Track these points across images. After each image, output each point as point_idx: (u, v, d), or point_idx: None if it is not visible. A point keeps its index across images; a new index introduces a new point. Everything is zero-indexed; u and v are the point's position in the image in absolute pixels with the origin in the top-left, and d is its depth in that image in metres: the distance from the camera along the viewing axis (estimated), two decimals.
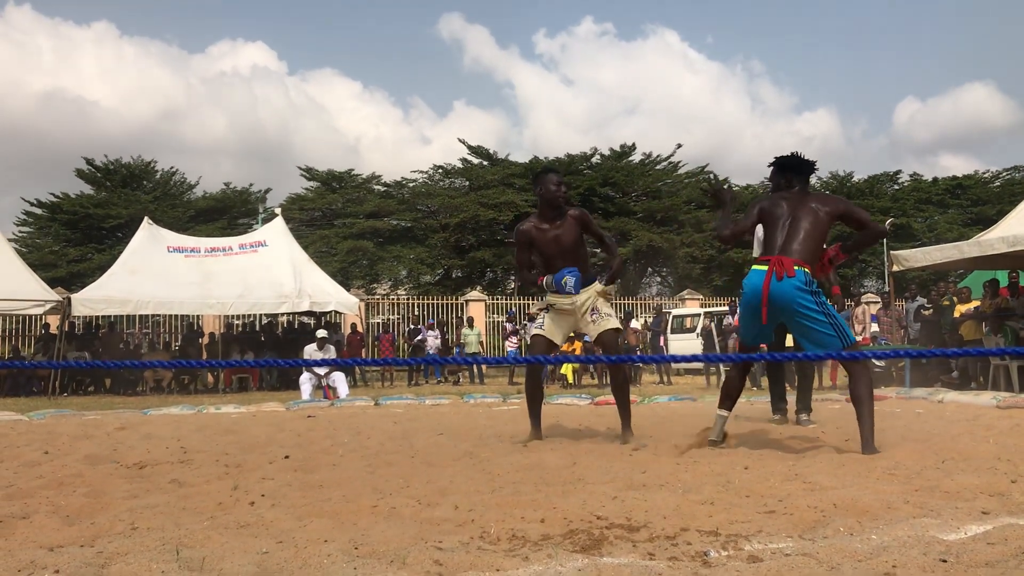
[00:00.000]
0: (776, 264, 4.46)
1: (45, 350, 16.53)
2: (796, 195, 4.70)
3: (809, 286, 4.41)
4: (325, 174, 33.62)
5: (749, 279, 4.64)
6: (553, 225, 5.29)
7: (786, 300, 4.42)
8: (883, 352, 5.77)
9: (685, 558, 2.31)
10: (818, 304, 4.41)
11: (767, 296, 4.47)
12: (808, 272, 4.44)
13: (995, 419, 6.23)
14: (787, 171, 4.80)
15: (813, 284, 4.45)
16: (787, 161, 4.83)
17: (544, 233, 5.31)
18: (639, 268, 32.99)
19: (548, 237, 5.29)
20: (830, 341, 4.41)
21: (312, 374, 12.59)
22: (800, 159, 4.81)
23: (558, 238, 5.27)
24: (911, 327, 13.66)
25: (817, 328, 4.41)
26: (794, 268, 4.41)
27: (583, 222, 5.34)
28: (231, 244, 16.88)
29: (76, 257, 30.95)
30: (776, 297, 4.44)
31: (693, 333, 18.58)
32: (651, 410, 8.48)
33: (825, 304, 4.46)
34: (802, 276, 4.41)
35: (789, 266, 4.42)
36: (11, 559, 2.33)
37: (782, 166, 4.83)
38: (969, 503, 2.92)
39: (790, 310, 4.44)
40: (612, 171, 32.70)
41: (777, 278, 4.42)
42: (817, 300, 4.42)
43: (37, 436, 6.38)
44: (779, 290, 4.42)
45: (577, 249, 5.33)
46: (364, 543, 2.49)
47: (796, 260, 4.44)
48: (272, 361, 3.23)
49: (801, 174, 4.79)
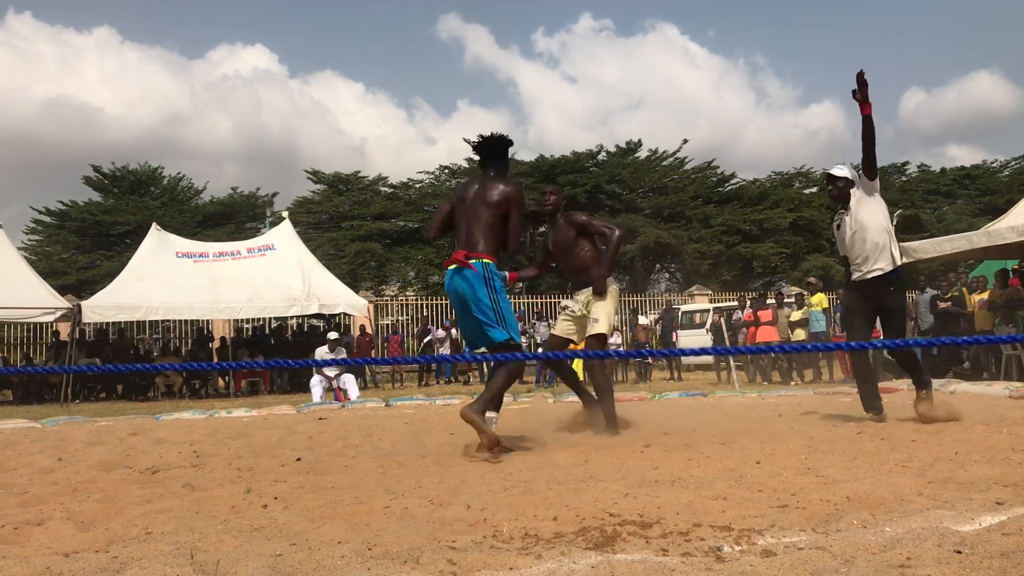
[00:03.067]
0: (455, 259, 4.52)
1: (56, 357, 16.61)
2: (481, 180, 4.73)
3: (487, 279, 4.47)
4: (332, 177, 33.67)
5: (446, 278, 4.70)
6: (554, 230, 5.77)
7: (462, 294, 4.50)
8: (892, 342, 5.71)
9: (698, 553, 2.31)
10: (491, 299, 4.45)
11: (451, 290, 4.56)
12: (486, 263, 4.48)
13: (1008, 409, 6.21)
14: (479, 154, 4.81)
15: (493, 277, 4.50)
16: (474, 145, 4.81)
17: (549, 237, 5.81)
18: (647, 264, 32.93)
19: (550, 240, 5.79)
20: (494, 333, 4.46)
21: (323, 376, 12.62)
22: (486, 141, 4.79)
23: (556, 241, 5.72)
24: (921, 319, 13.60)
25: (485, 321, 4.46)
26: (472, 261, 4.46)
27: (575, 225, 5.67)
28: (239, 248, 16.92)
29: (85, 264, 31.06)
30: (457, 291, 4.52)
31: (702, 328, 18.55)
32: (662, 406, 8.47)
33: (498, 300, 4.49)
34: (479, 267, 4.46)
35: (467, 259, 4.47)
36: (27, 565, 2.34)
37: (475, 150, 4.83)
38: (983, 494, 2.90)
39: (465, 303, 4.52)
40: (618, 168, 32.66)
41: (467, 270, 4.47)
42: (491, 295, 4.45)
43: (50, 443, 6.41)
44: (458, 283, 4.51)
45: (573, 250, 5.67)
46: (377, 544, 2.50)
47: (472, 254, 4.48)
48: (282, 362, 3.24)
49: (487, 156, 4.79)
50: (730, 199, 32.96)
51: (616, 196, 32.55)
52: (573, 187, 31.35)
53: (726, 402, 8.68)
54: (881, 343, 4.57)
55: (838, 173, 5.78)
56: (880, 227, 5.64)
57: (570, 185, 31.35)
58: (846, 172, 5.79)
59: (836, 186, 5.78)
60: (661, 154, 33.91)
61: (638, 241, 29.99)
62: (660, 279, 34.74)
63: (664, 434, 5.34)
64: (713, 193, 33.29)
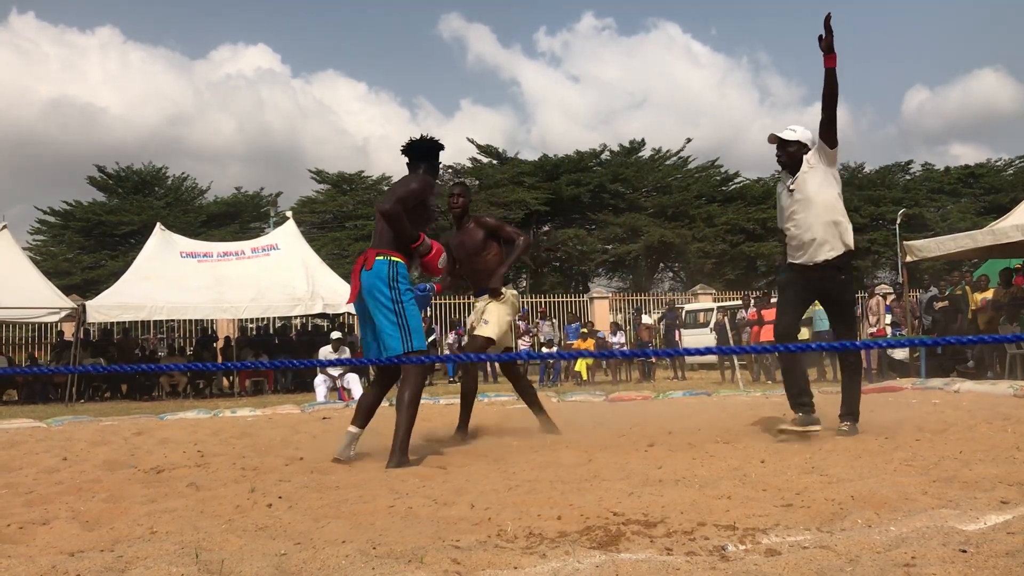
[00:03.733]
0: (362, 257, 4.44)
1: (61, 357, 16.65)
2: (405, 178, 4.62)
3: (391, 279, 4.33)
4: (335, 176, 33.73)
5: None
6: (459, 232, 5.72)
7: (366, 292, 4.37)
8: (898, 341, 5.71)
9: (703, 552, 2.30)
10: (394, 300, 4.32)
11: (356, 291, 4.42)
12: (392, 261, 4.35)
13: (1012, 408, 6.19)
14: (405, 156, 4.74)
15: (397, 277, 4.35)
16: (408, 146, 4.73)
17: (453, 239, 5.73)
18: (651, 264, 32.93)
19: (454, 243, 5.71)
20: (392, 341, 4.32)
21: (327, 376, 12.63)
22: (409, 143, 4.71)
23: (462, 243, 5.66)
24: (925, 318, 13.59)
25: (385, 326, 4.33)
26: (375, 259, 4.35)
27: (485, 228, 5.64)
28: (243, 248, 16.94)
29: (90, 264, 31.14)
30: (362, 290, 4.39)
31: (706, 328, 18.53)
32: (666, 405, 8.47)
33: (403, 302, 4.35)
34: (383, 266, 4.34)
35: (371, 258, 4.36)
36: (32, 565, 2.34)
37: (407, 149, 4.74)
38: (988, 493, 2.90)
39: (368, 302, 4.39)
40: (622, 167, 32.66)
41: (366, 269, 4.35)
42: (395, 296, 4.32)
43: (55, 443, 6.42)
44: (362, 282, 4.38)
45: (480, 253, 5.61)
46: (382, 543, 2.50)
47: (380, 250, 4.38)
48: (286, 362, 3.24)
49: (410, 157, 4.70)
50: (734, 198, 32.96)
51: (620, 195, 32.54)
52: (577, 186, 31.37)
53: (730, 401, 8.68)
54: (887, 342, 4.54)
55: (788, 136, 4.96)
56: (830, 203, 4.87)
57: (574, 185, 31.37)
58: (798, 135, 4.96)
59: (786, 151, 4.98)
60: (664, 153, 33.91)
61: (642, 240, 29.98)
62: (664, 278, 34.75)
63: (668, 433, 5.33)
64: (717, 192, 33.29)
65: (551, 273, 32.21)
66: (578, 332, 17.79)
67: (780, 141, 4.98)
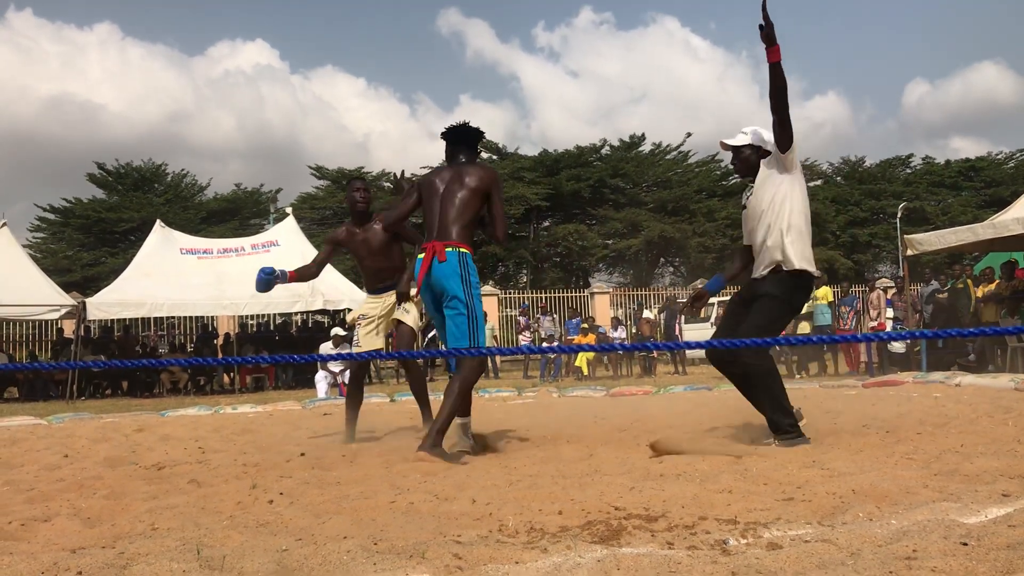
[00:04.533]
0: (430, 249, 4.28)
1: (61, 354, 16.66)
2: (454, 168, 4.48)
3: (463, 269, 4.22)
4: (335, 172, 33.72)
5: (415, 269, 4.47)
6: (362, 230, 5.62)
7: (437, 285, 4.26)
8: (898, 334, 5.71)
9: (704, 547, 2.30)
10: (466, 294, 4.20)
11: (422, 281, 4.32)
12: (463, 252, 4.25)
13: (1014, 401, 6.19)
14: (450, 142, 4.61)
15: (468, 268, 4.24)
16: (447, 132, 4.61)
17: (354, 237, 5.65)
18: (651, 259, 32.94)
19: (357, 241, 5.63)
20: (459, 334, 4.19)
21: (327, 372, 12.64)
22: (457, 128, 4.59)
23: (366, 241, 5.59)
24: (926, 311, 13.59)
25: (454, 320, 4.20)
26: (446, 251, 4.22)
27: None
28: (243, 245, 16.95)
29: (90, 261, 31.18)
30: (432, 282, 4.27)
31: (707, 322, 18.53)
32: (667, 400, 8.48)
33: (473, 296, 4.22)
34: (454, 259, 4.22)
35: (441, 250, 4.23)
36: (34, 561, 2.34)
37: (444, 137, 4.63)
38: (989, 486, 2.89)
39: (439, 294, 4.28)
40: (622, 162, 32.64)
41: (439, 261, 4.22)
42: (467, 289, 4.20)
43: (56, 440, 6.43)
44: (432, 274, 4.25)
45: (386, 251, 5.59)
46: (383, 539, 2.50)
47: (448, 242, 4.25)
48: (286, 357, 3.23)
49: (458, 144, 4.58)
50: (734, 192, 32.91)
51: (620, 190, 32.55)
52: (577, 182, 31.37)
53: (731, 396, 8.67)
54: (888, 335, 4.52)
55: (739, 141, 4.40)
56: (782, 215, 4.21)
57: (574, 180, 31.37)
58: (749, 138, 4.39)
59: (739, 157, 4.42)
60: (665, 148, 33.91)
61: (642, 235, 29.98)
62: (664, 273, 34.78)
63: (669, 428, 5.34)
64: (717, 187, 33.29)
65: (551, 268, 32.23)
66: (579, 327, 17.80)
67: (731, 148, 4.44)
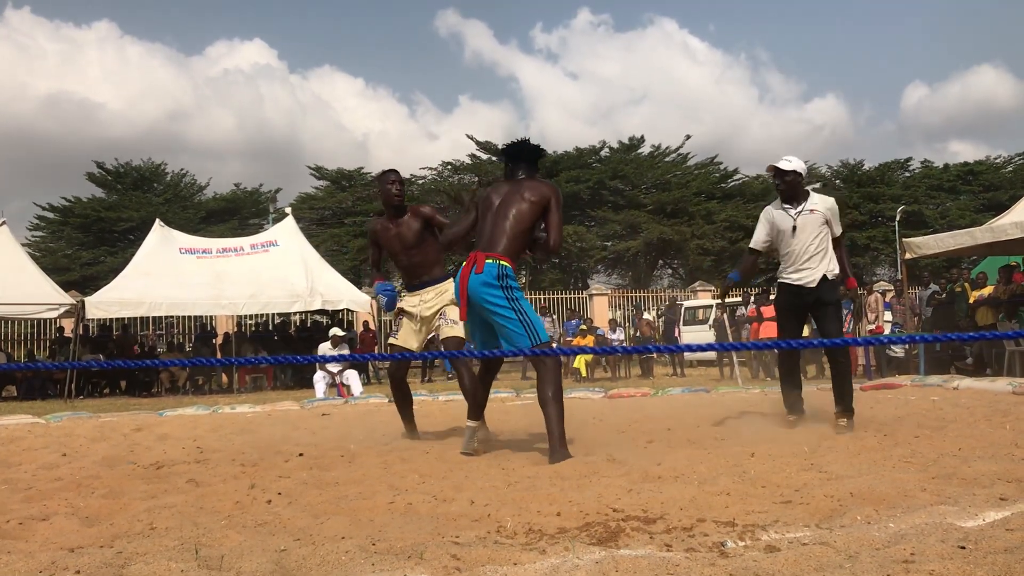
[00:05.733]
0: (471, 260, 4.32)
1: (60, 353, 16.64)
2: (513, 183, 4.51)
3: (501, 280, 4.23)
4: (335, 173, 33.73)
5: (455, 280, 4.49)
6: (395, 224, 5.45)
7: (476, 297, 4.26)
8: (896, 338, 5.71)
9: (702, 549, 2.31)
10: (508, 299, 4.23)
11: (464, 293, 4.31)
12: (502, 265, 4.25)
13: (1011, 405, 6.20)
14: (510, 158, 4.63)
15: (507, 278, 4.25)
16: (507, 148, 4.64)
17: (387, 231, 5.49)
18: (650, 261, 32.95)
19: (391, 235, 5.47)
20: (519, 339, 4.21)
21: (326, 372, 12.64)
22: (518, 145, 4.60)
23: (400, 235, 5.43)
24: (926, 315, 13.60)
25: (507, 325, 4.23)
26: (485, 262, 4.25)
27: (422, 217, 5.44)
28: (242, 244, 16.93)
29: (89, 260, 31.17)
30: (470, 294, 4.28)
31: (706, 324, 18.54)
32: (665, 402, 8.48)
33: (518, 300, 4.26)
34: (493, 270, 4.24)
35: (481, 261, 4.26)
36: (32, 560, 2.35)
37: (505, 153, 4.67)
38: (987, 489, 2.90)
39: (481, 307, 4.28)
40: (621, 164, 32.64)
41: (476, 272, 4.24)
42: (508, 295, 4.23)
43: (54, 439, 6.42)
44: (470, 286, 4.26)
45: (420, 245, 5.42)
46: (381, 539, 2.50)
47: (490, 253, 4.28)
48: (285, 358, 3.23)
49: (517, 160, 4.59)
50: (733, 195, 32.98)
51: (619, 192, 32.55)
52: (576, 183, 31.36)
53: (729, 398, 8.68)
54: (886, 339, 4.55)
55: (785, 166, 5.40)
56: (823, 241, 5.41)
57: (573, 181, 31.37)
58: (793, 166, 5.41)
59: (784, 180, 5.42)
60: (664, 150, 33.91)
61: (641, 237, 29.99)
62: (663, 275, 34.77)
63: (667, 430, 5.34)
64: (716, 189, 33.28)
65: (550, 270, 32.22)
66: (577, 329, 17.80)
67: (777, 170, 5.40)
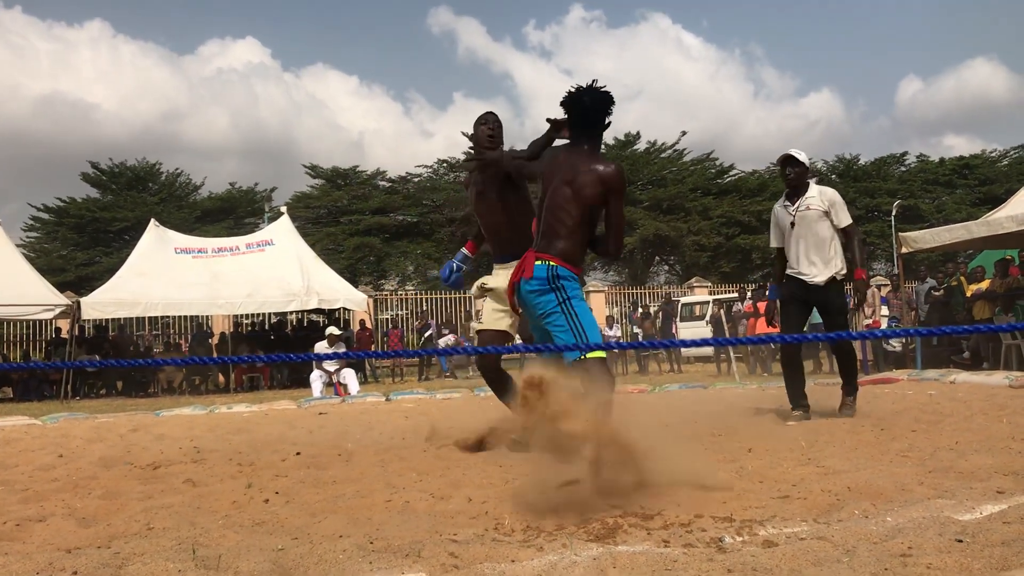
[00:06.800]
0: (520, 264, 3.80)
1: (56, 354, 16.61)
2: (573, 155, 3.71)
3: (552, 282, 3.67)
4: (330, 171, 33.65)
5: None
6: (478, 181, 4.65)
7: (525, 303, 3.80)
8: (893, 331, 5.73)
9: (700, 544, 2.31)
10: (559, 302, 3.69)
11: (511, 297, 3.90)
12: (552, 266, 3.67)
13: (1008, 399, 6.21)
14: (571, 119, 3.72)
15: (558, 279, 3.66)
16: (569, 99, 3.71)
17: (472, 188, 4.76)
18: (646, 257, 32.94)
19: (475, 192, 4.72)
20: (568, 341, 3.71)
21: (323, 371, 12.63)
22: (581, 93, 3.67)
23: (483, 195, 4.64)
24: (921, 309, 13.62)
25: (557, 333, 3.73)
26: (534, 264, 3.70)
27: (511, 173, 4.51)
28: (238, 244, 16.92)
29: (84, 261, 31.10)
30: (520, 299, 3.83)
31: (702, 320, 18.56)
32: (662, 398, 8.49)
33: (569, 302, 3.70)
34: (542, 272, 3.68)
35: (530, 265, 3.72)
36: (29, 562, 2.34)
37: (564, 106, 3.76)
38: (984, 483, 2.90)
39: (533, 313, 3.82)
40: (617, 160, 32.60)
41: (524, 277, 3.73)
42: (560, 296, 3.69)
43: (51, 439, 6.41)
44: (519, 293, 3.80)
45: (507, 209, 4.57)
46: (379, 537, 2.50)
47: (539, 254, 3.72)
48: (281, 357, 3.22)
49: (584, 126, 3.73)
50: (729, 191, 32.98)
51: None
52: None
53: (726, 394, 8.69)
54: (882, 333, 4.55)
55: (803, 159, 5.52)
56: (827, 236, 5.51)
57: None
58: (802, 159, 5.53)
59: (795, 170, 5.52)
60: (660, 146, 33.90)
61: (637, 233, 29.98)
62: (659, 271, 34.76)
63: (664, 426, 5.34)
64: (712, 185, 33.30)
65: None
66: None
67: (791, 159, 5.48)
